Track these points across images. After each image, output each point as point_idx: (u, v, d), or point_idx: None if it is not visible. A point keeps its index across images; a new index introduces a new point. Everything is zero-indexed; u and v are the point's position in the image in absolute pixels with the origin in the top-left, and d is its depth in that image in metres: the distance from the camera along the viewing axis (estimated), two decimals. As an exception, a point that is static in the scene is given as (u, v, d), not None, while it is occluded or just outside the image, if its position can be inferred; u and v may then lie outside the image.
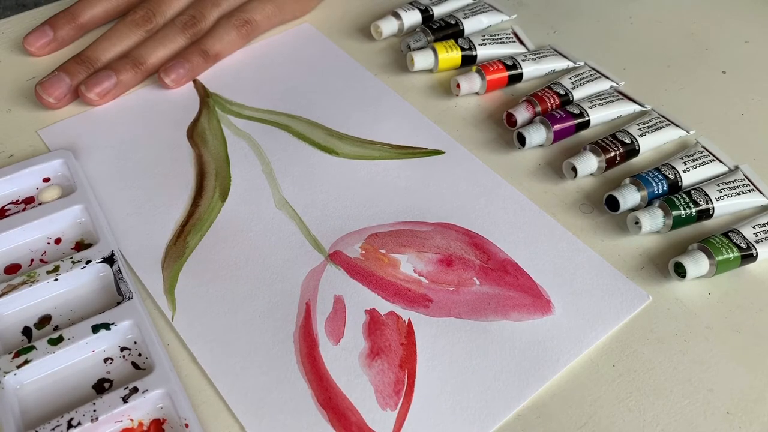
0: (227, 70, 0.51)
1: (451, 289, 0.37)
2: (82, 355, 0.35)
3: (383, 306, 0.37)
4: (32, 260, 0.38)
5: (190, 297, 0.37)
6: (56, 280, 0.37)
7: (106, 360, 0.35)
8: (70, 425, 0.31)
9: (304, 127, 0.46)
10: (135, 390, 0.33)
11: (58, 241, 0.39)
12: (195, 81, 0.50)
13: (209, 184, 0.43)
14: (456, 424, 0.32)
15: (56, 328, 0.36)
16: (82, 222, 0.40)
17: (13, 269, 0.38)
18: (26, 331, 0.36)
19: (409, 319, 0.36)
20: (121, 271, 0.37)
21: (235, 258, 0.39)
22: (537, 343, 0.35)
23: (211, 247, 0.39)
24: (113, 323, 0.35)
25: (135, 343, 0.35)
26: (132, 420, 0.33)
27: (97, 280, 0.38)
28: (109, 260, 0.38)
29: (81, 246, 0.39)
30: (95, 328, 0.35)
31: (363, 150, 0.45)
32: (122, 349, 0.35)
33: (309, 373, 0.34)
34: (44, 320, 0.36)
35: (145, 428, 0.32)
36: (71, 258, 0.38)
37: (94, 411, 0.32)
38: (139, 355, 0.35)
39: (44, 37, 0.50)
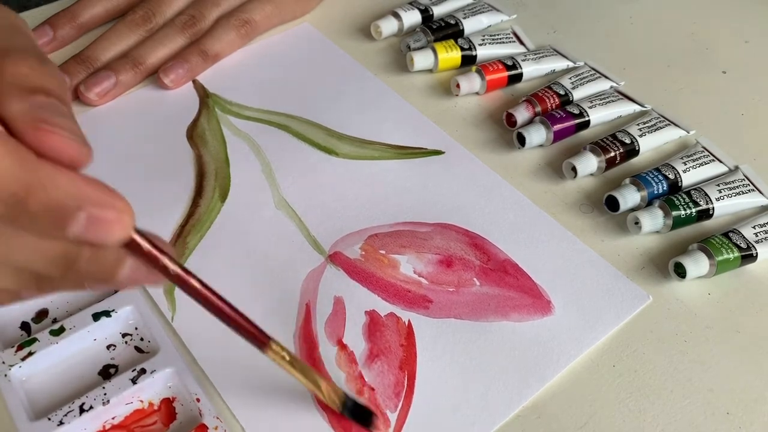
0: (227, 70, 0.51)
1: (451, 289, 0.37)
2: (84, 344, 0.35)
3: (383, 307, 0.37)
4: None
5: (189, 297, 0.37)
6: None
7: (108, 347, 0.35)
8: (82, 410, 0.32)
9: (304, 127, 0.46)
10: (143, 371, 0.33)
11: None
12: (194, 81, 0.50)
13: (209, 185, 0.43)
14: (456, 424, 0.32)
15: (55, 321, 0.36)
16: None
17: None
18: (25, 326, 0.36)
19: (409, 320, 0.36)
20: None
21: (234, 259, 0.39)
22: (537, 344, 0.35)
23: (210, 248, 0.39)
24: (113, 310, 0.35)
25: (136, 328, 0.36)
26: (142, 401, 0.33)
27: None
28: None
29: None
30: (96, 316, 0.35)
31: (363, 150, 0.45)
32: (124, 335, 0.36)
33: (309, 373, 0.34)
34: (42, 314, 0.36)
35: (156, 408, 0.33)
36: None
37: (105, 395, 0.32)
38: (141, 339, 0.35)
39: (44, 37, 0.50)
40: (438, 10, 0.54)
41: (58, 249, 0.23)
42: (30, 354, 0.34)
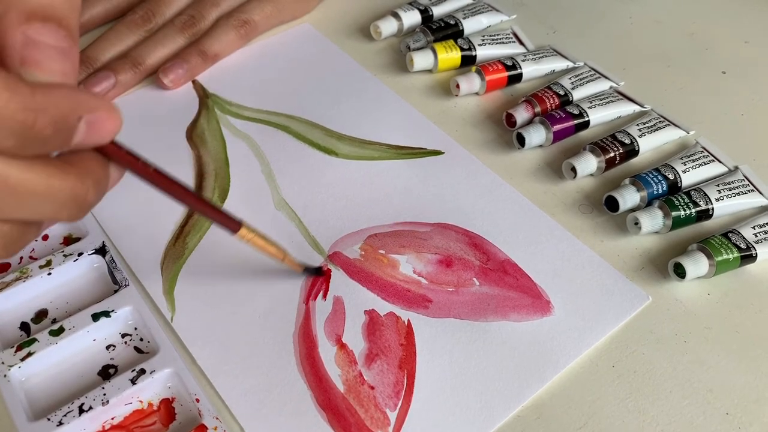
0: (226, 70, 0.51)
1: (451, 289, 0.37)
2: (84, 344, 0.35)
3: (383, 306, 0.37)
4: (21, 258, 0.39)
5: (189, 298, 0.37)
6: (50, 274, 0.37)
7: (108, 347, 0.35)
8: (81, 410, 0.32)
9: (304, 127, 0.46)
10: (142, 372, 0.33)
11: (45, 237, 0.40)
12: (194, 81, 0.50)
13: (208, 185, 0.43)
14: (456, 424, 0.32)
15: (54, 321, 0.36)
16: None
17: (2, 268, 0.38)
18: (24, 327, 0.36)
19: (408, 320, 0.36)
20: (114, 261, 0.38)
21: (234, 259, 0.39)
22: (537, 344, 0.35)
23: (210, 248, 0.39)
24: (113, 310, 0.35)
25: (135, 329, 0.36)
26: (141, 402, 0.33)
27: (91, 272, 0.38)
28: (101, 251, 0.38)
29: (69, 240, 0.40)
30: (95, 317, 0.35)
31: (362, 150, 0.45)
32: (123, 335, 0.36)
33: (308, 374, 0.34)
34: (41, 314, 0.36)
35: (155, 408, 0.33)
36: (62, 252, 0.38)
37: (104, 395, 0.32)
38: (141, 339, 0.36)
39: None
40: (438, 11, 0.54)
41: (68, 190, 0.24)
42: (29, 354, 0.34)
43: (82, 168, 0.24)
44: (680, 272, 0.37)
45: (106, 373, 0.34)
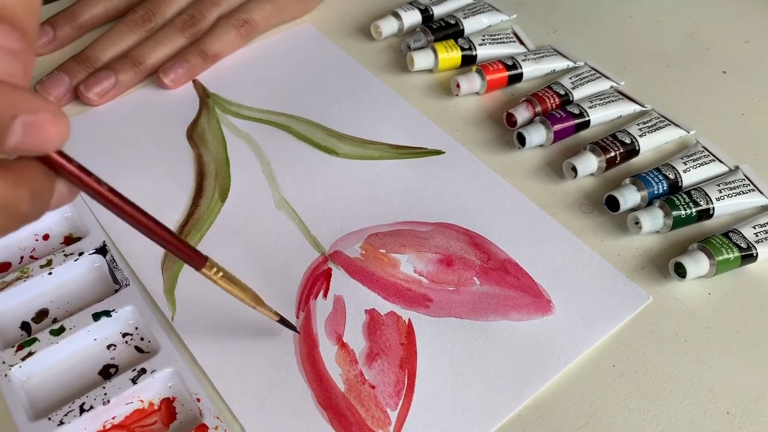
0: (227, 70, 0.51)
1: (452, 289, 0.37)
2: (84, 344, 0.35)
3: (383, 306, 0.37)
4: (21, 257, 0.39)
5: (189, 297, 0.37)
6: (50, 273, 0.37)
7: (109, 347, 0.35)
8: (82, 410, 0.32)
9: (304, 127, 0.46)
10: (143, 371, 0.33)
11: (46, 237, 0.40)
12: (194, 81, 0.50)
13: (209, 185, 0.43)
14: (456, 424, 0.32)
15: (55, 321, 0.36)
16: (68, 217, 0.40)
17: (2, 267, 0.38)
18: (25, 326, 0.36)
19: (409, 319, 0.36)
20: (114, 260, 0.38)
21: (234, 258, 0.39)
22: (537, 343, 0.35)
23: (210, 248, 0.39)
24: (113, 310, 0.35)
25: (136, 328, 0.36)
26: (142, 401, 0.33)
27: (92, 271, 0.38)
28: (102, 251, 0.38)
29: (70, 240, 0.39)
30: (96, 316, 0.35)
31: (363, 150, 0.45)
32: (124, 335, 0.36)
33: (309, 373, 0.34)
34: (42, 314, 0.36)
35: (156, 408, 0.33)
36: (63, 251, 0.38)
37: (105, 394, 0.32)
38: (141, 339, 0.35)
39: (44, 37, 0.50)
40: (438, 10, 0.54)
41: None
42: (30, 354, 0.34)
43: (18, 175, 0.22)
44: (681, 272, 0.37)
45: (107, 372, 0.34)
